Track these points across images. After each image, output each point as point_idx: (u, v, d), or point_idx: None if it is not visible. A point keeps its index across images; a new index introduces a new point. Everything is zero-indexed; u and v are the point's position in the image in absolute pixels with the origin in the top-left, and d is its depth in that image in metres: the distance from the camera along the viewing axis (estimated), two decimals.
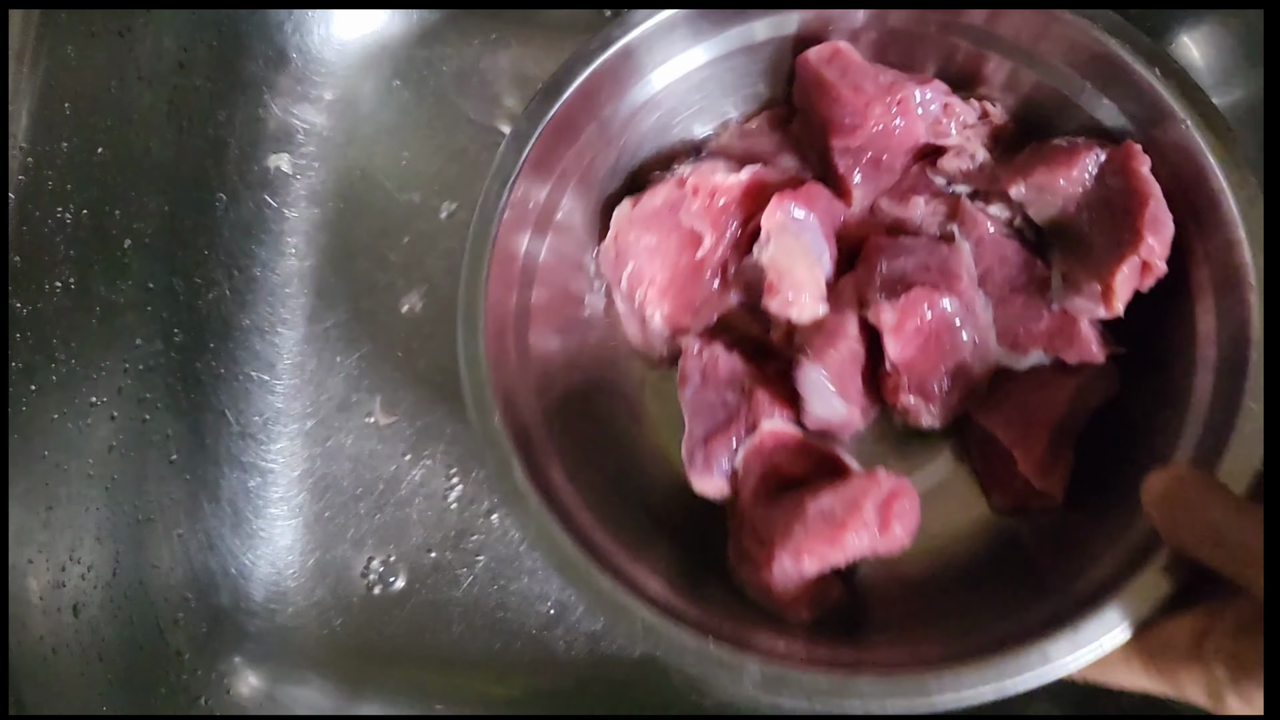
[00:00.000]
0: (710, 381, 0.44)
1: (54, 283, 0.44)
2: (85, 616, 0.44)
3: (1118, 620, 0.34)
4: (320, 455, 0.54)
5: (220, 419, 0.53)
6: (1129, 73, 0.40)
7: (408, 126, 0.58)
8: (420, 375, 0.55)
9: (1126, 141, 0.40)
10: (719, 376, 0.44)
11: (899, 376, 0.43)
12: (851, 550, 0.38)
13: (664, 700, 0.51)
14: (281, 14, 0.56)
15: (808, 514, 0.39)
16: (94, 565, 0.45)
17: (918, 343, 0.42)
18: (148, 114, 0.49)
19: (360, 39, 0.59)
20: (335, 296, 0.56)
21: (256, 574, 0.53)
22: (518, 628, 0.52)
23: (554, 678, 0.52)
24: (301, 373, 0.55)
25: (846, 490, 0.39)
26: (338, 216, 0.57)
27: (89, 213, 0.45)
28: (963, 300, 0.42)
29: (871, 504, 0.38)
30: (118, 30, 0.47)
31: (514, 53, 0.58)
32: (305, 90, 0.58)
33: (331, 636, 0.53)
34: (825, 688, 0.34)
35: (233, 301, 0.54)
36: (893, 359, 0.42)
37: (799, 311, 0.43)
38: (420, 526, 0.53)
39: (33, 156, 0.42)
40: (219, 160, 0.54)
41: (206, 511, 0.51)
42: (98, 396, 0.46)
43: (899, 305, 0.41)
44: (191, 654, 0.49)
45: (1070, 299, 0.42)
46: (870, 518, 0.38)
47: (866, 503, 0.38)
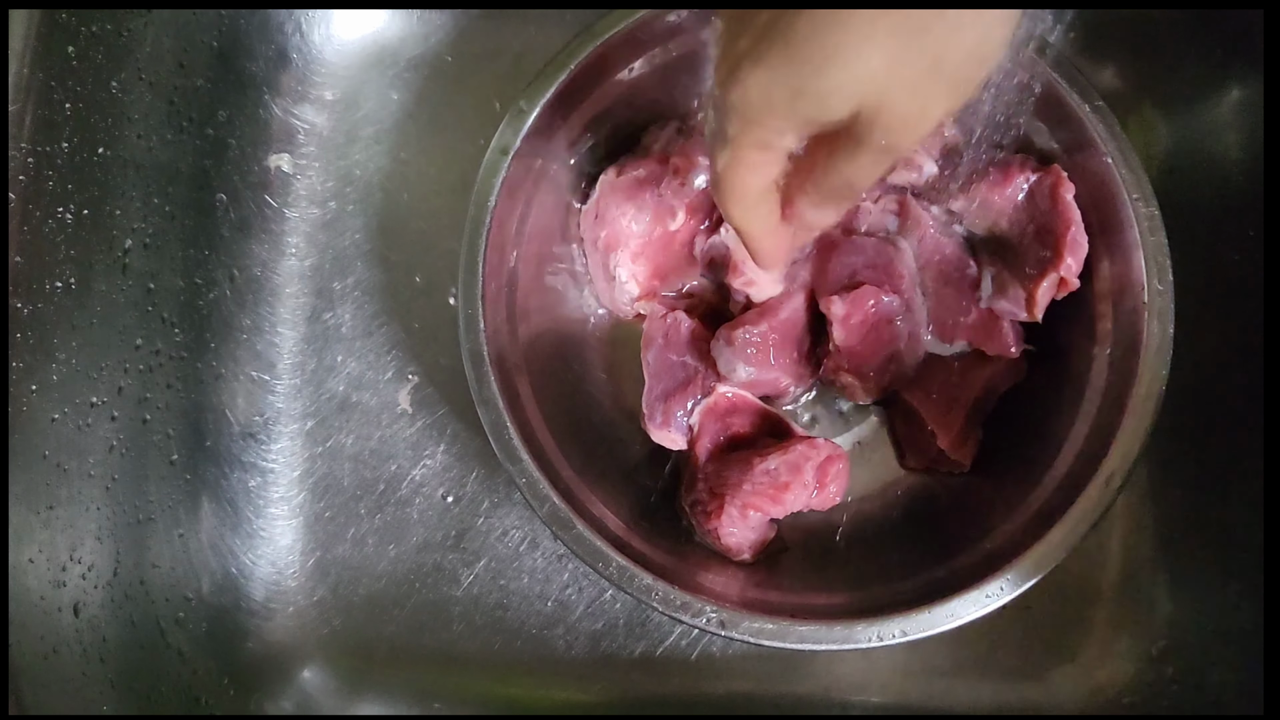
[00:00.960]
0: (672, 344, 0.49)
1: (54, 283, 0.44)
2: (85, 616, 0.44)
3: (1020, 580, 0.41)
4: (320, 455, 0.54)
5: (220, 419, 0.53)
6: (1065, 105, 0.45)
7: (408, 126, 0.58)
8: (420, 375, 0.55)
9: (1055, 166, 0.46)
10: (680, 340, 0.49)
11: (840, 358, 0.48)
12: (791, 506, 0.45)
13: (664, 700, 0.51)
14: (281, 14, 0.56)
15: (755, 472, 0.45)
16: (94, 565, 0.45)
17: (861, 332, 0.47)
18: (148, 114, 0.49)
19: (360, 39, 0.59)
20: (335, 297, 0.56)
21: (256, 574, 0.53)
22: (518, 627, 0.52)
23: (554, 678, 0.52)
24: (301, 373, 0.55)
25: (789, 455, 0.45)
26: (338, 216, 0.57)
27: (89, 213, 0.45)
28: (903, 298, 0.48)
29: (811, 467, 0.45)
30: (118, 30, 0.47)
31: (514, 52, 0.58)
32: (305, 90, 0.58)
33: (331, 636, 0.53)
34: (771, 630, 0.41)
35: (233, 301, 0.54)
36: (837, 344, 0.47)
37: (757, 291, 0.48)
38: (420, 526, 0.53)
39: (33, 156, 0.42)
40: (219, 160, 0.53)
41: (206, 511, 0.51)
42: (98, 396, 0.46)
43: (848, 299, 0.47)
44: (191, 654, 0.49)
45: (997, 300, 0.48)
46: (809, 479, 0.45)
47: (807, 466, 0.45)
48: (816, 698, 0.51)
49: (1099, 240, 0.45)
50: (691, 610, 0.41)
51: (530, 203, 0.49)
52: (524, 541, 0.53)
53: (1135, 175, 0.44)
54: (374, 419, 0.54)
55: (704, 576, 0.44)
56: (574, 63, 0.46)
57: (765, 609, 0.41)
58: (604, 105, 0.49)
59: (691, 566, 0.45)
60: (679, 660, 0.52)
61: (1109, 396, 0.44)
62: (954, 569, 0.43)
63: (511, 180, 0.46)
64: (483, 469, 0.54)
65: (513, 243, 0.48)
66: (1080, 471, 0.43)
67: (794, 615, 0.41)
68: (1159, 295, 0.43)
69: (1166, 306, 0.43)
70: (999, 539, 0.44)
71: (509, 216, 0.47)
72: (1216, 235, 0.50)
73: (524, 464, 0.43)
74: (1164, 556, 0.51)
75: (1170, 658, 0.50)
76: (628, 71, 0.48)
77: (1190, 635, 0.50)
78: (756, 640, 0.41)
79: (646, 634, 0.52)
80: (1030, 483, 0.45)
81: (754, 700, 0.51)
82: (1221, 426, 0.50)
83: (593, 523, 0.43)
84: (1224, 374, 0.49)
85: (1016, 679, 0.51)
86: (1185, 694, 0.49)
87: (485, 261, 0.45)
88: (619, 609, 0.52)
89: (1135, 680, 0.50)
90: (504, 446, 0.43)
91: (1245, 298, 0.48)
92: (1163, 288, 0.43)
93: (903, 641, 0.41)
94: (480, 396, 0.44)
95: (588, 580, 0.52)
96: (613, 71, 0.48)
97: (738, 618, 0.41)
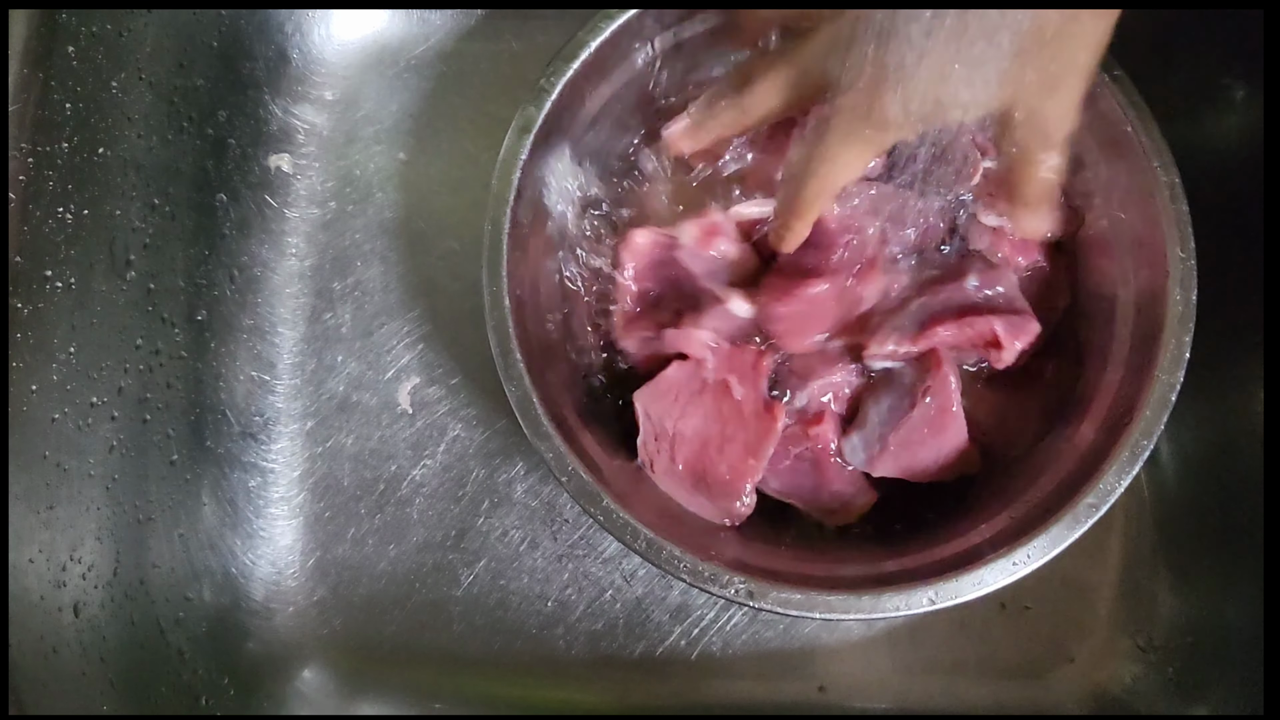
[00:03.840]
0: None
1: (54, 283, 0.44)
2: (85, 616, 0.44)
3: (1047, 548, 0.41)
4: (320, 455, 0.54)
5: (220, 419, 0.53)
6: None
7: (408, 126, 0.58)
8: (420, 375, 0.55)
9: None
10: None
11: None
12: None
13: (664, 700, 0.51)
14: (281, 14, 0.56)
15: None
16: (94, 565, 0.45)
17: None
18: (148, 114, 0.49)
19: (360, 39, 0.59)
20: (335, 297, 0.56)
21: (256, 574, 0.53)
22: (518, 627, 0.52)
23: (554, 678, 0.52)
24: (301, 373, 0.55)
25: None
26: (338, 216, 0.57)
27: (89, 213, 0.45)
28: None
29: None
30: (118, 30, 0.47)
31: (514, 53, 0.58)
32: (305, 90, 0.58)
33: (331, 636, 0.53)
34: (799, 601, 0.40)
35: (233, 301, 0.54)
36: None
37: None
38: (420, 526, 0.53)
39: (33, 156, 0.42)
40: (219, 160, 0.53)
41: (206, 511, 0.51)
42: (98, 396, 0.46)
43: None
44: (191, 654, 0.49)
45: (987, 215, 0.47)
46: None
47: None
48: (816, 698, 0.51)
49: (1121, 210, 0.46)
50: (719, 581, 0.41)
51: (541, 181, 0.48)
52: (524, 541, 0.53)
53: (1156, 144, 0.44)
54: (374, 419, 0.54)
55: (730, 548, 0.44)
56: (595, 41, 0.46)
57: (793, 581, 0.41)
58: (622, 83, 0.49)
59: (720, 542, 0.45)
60: (679, 660, 0.52)
61: (1133, 364, 0.44)
62: (982, 538, 0.43)
63: (534, 158, 0.46)
64: (483, 469, 0.54)
65: (533, 220, 0.47)
66: (1105, 439, 0.43)
67: (821, 586, 0.41)
68: (1181, 262, 0.43)
69: (1189, 274, 0.43)
70: (1024, 508, 0.43)
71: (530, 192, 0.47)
72: (1217, 235, 0.50)
73: (551, 440, 0.42)
74: (1164, 556, 0.51)
75: (1170, 658, 0.50)
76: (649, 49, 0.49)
77: (1190, 635, 0.50)
78: (784, 610, 0.40)
79: (646, 634, 0.52)
80: (1056, 451, 0.45)
81: (754, 700, 0.51)
82: (1222, 426, 0.50)
83: (619, 498, 0.42)
84: (1224, 373, 0.49)
85: (1016, 679, 0.51)
86: (1185, 694, 0.49)
87: (509, 237, 0.45)
88: (619, 609, 0.52)
89: (1135, 680, 0.50)
90: (531, 422, 0.43)
91: (1246, 297, 0.48)
92: (1185, 255, 0.43)
93: (930, 610, 0.40)
94: (506, 373, 0.43)
95: (587, 580, 0.52)
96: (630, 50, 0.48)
97: (765, 588, 0.40)
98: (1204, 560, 0.50)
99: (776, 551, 0.46)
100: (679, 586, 0.52)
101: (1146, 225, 0.44)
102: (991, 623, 0.51)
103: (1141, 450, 0.41)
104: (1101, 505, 0.41)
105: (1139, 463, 0.41)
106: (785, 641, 0.52)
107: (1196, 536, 0.51)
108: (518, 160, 0.45)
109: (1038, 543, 0.41)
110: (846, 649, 0.52)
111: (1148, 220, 0.44)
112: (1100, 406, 0.45)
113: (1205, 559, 0.50)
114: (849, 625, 0.52)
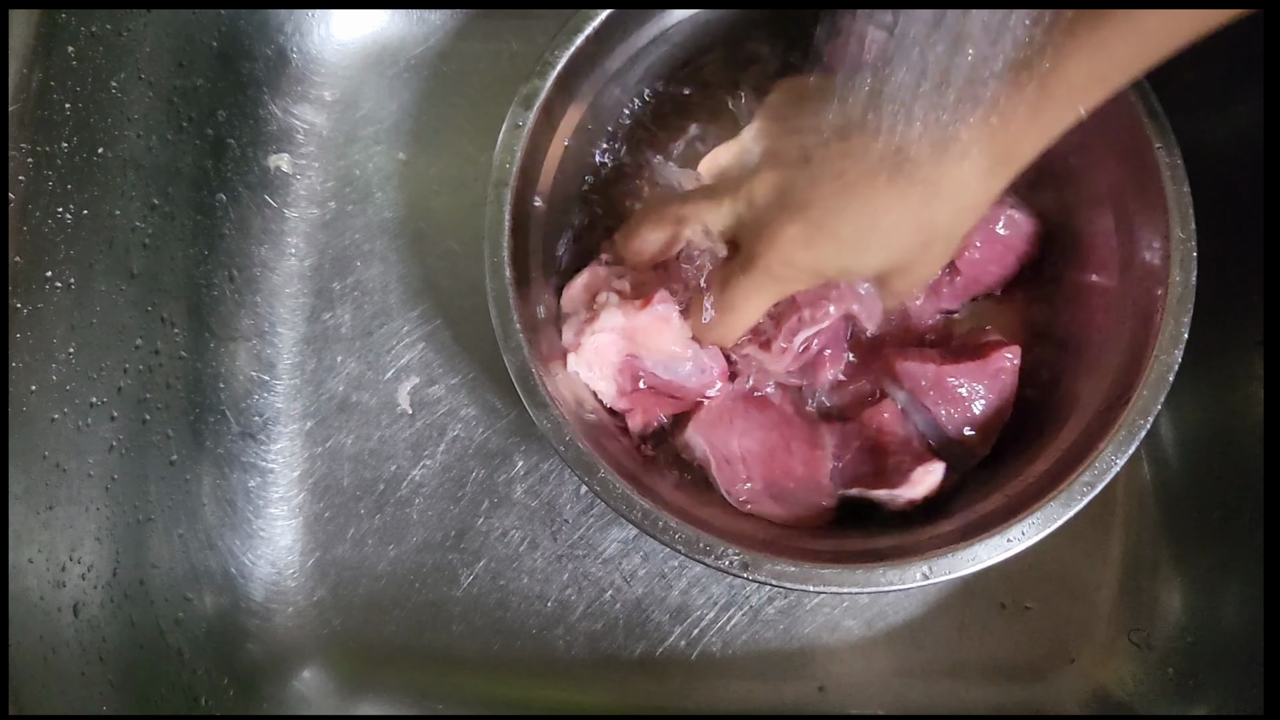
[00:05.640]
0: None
1: (54, 283, 0.44)
2: (85, 616, 0.44)
3: (1043, 525, 0.41)
4: (320, 455, 0.54)
5: (220, 419, 0.53)
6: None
7: (407, 126, 0.58)
8: (420, 375, 0.55)
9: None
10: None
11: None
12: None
13: (664, 700, 0.51)
14: (281, 14, 0.56)
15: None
16: (94, 565, 0.45)
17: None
18: (148, 114, 0.49)
19: (360, 39, 0.59)
20: (335, 297, 0.56)
21: (256, 574, 0.53)
22: (517, 628, 0.52)
23: (554, 678, 0.52)
24: (301, 373, 0.55)
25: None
26: (338, 216, 0.57)
27: (89, 213, 0.45)
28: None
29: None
30: (118, 30, 0.47)
31: (513, 53, 0.58)
32: (305, 90, 0.58)
33: (331, 636, 0.53)
34: (793, 573, 0.41)
35: (232, 301, 0.54)
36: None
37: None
38: (420, 526, 0.53)
39: (33, 156, 0.42)
40: (219, 160, 0.53)
41: (206, 511, 0.51)
42: (98, 396, 0.46)
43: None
44: (191, 654, 0.49)
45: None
46: None
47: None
48: (816, 698, 0.51)
49: (1124, 189, 0.46)
50: (714, 552, 0.41)
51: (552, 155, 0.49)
52: (524, 542, 0.53)
53: (1159, 125, 0.44)
54: (374, 419, 0.54)
55: (726, 523, 0.45)
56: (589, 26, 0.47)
57: (788, 554, 0.41)
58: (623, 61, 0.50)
59: (717, 516, 0.45)
60: (679, 660, 0.52)
61: (1132, 345, 0.44)
62: (977, 515, 0.43)
63: (535, 131, 0.46)
64: (482, 469, 0.54)
65: (535, 191, 0.48)
66: (1103, 418, 0.43)
67: (816, 559, 0.41)
68: (1181, 243, 0.43)
69: (1189, 255, 0.43)
70: (1020, 485, 0.44)
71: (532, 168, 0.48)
72: (1217, 235, 0.50)
73: (549, 409, 0.43)
74: (1164, 556, 0.51)
75: (1170, 658, 0.50)
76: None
77: (1190, 635, 0.50)
78: (779, 583, 0.41)
79: (646, 634, 0.52)
80: (1053, 430, 0.45)
81: (754, 701, 0.51)
82: (1222, 427, 0.50)
83: (617, 468, 0.43)
84: (1223, 373, 0.49)
85: (1017, 679, 0.51)
86: (1185, 694, 0.49)
87: (511, 210, 0.45)
88: (619, 609, 0.52)
89: (1135, 680, 0.50)
90: (529, 391, 0.43)
91: (1246, 297, 0.48)
92: (1185, 236, 0.43)
93: (924, 585, 0.40)
94: (505, 343, 0.43)
95: (587, 581, 0.52)
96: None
97: (760, 560, 0.41)
98: (1205, 561, 0.50)
99: (773, 528, 0.46)
100: (679, 587, 0.52)
101: (1148, 206, 0.45)
102: (991, 623, 0.51)
103: (1138, 429, 0.41)
104: (1097, 484, 0.41)
105: (1135, 441, 0.41)
106: (785, 642, 0.52)
107: (1197, 537, 0.51)
108: (520, 133, 0.46)
109: (1033, 519, 0.41)
110: (846, 649, 0.52)
111: (1149, 201, 0.44)
112: (1098, 388, 0.45)
113: (1206, 559, 0.50)
114: (849, 625, 0.52)
